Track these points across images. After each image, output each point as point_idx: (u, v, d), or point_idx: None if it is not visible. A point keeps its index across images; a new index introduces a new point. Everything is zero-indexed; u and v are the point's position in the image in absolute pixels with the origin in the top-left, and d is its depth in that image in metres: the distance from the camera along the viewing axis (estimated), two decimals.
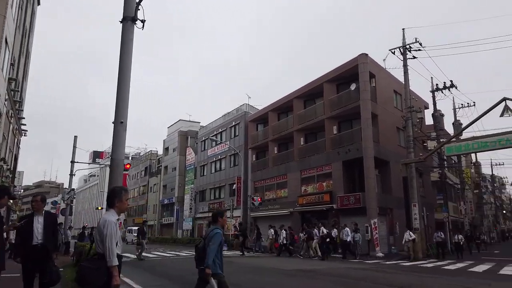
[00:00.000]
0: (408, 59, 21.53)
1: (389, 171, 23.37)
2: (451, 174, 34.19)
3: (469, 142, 17.32)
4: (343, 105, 23.75)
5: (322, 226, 19.56)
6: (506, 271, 12.49)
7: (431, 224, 28.15)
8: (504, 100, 16.32)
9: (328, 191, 23.96)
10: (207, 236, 4.73)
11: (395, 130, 25.11)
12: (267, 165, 30.93)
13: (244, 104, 36.04)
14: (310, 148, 26.43)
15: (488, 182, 58.47)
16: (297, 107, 28.00)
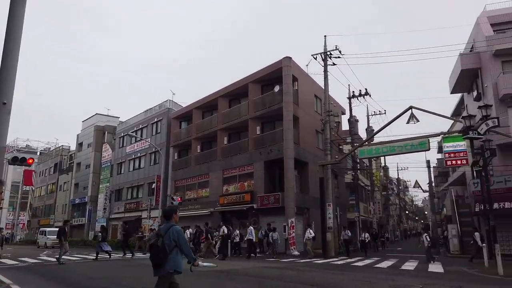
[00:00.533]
0: (329, 66, 22.58)
1: (307, 172, 24.19)
2: (363, 176, 36.64)
3: (379, 146, 18.56)
4: (266, 106, 24.04)
5: (224, 226, 19.59)
6: (407, 266, 13.52)
7: (344, 223, 29.79)
8: (410, 109, 17.78)
9: (249, 191, 24.03)
10: (167, 234, 4.53)
11: (314, 133, 26.11)
12: (189, 164, 30.16)
13: (167, 100, 34.79)
14: (234, 147, 26.32)
15: (394, 184, 64.09)
16: (222, 106, 27.74)
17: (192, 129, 30.36)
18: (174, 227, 4.62)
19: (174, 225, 4.67)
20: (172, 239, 4.51)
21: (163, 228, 4.68)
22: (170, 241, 4.50)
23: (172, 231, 4.55)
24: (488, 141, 19.04)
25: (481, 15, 23.26)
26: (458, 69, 23.88)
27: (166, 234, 4.52)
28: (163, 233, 4.55)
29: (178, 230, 4.62)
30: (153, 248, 4.54)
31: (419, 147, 17.42)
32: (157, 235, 4.62)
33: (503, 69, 20.92)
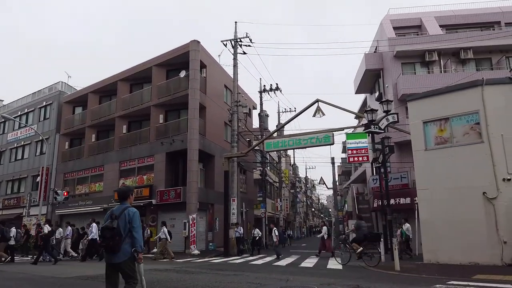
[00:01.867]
0: (240, 55, 21.45)
1: (213, 165, 22.77)
2: (272, 173, 36.49)
3: (286, 139, 17.92)
4: (171, 92, 22.05)
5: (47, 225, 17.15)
6: (307, 263, 12.82)
7: (251, 219, 29.10)
8: (317, 102, 17.41)
9: (148, 185, 21.80)
10: (121, 216, 4.17)
11: (223, 125, 24.83)
12: (82, 154, 26.69)
13: (59, 82, 30.52)
14: (133, 137, 23.77)
15: (303, 183, 66.14)
16: (122, 91, 24.97)
17: (87, 115, 26.93)
18: (130, 208, 4.28)
19: (130, 207, 4.31)
20: (127, 221, 4.15)
21: (116, 210, 4.28)
22: (125, 223, 4.14)
23: (128, 212, 4.21)
24: (387, 138, 19.55)
25: (385, 17, 24.21)
26: (363, 68, 24.57)
27: (120, 216, 4.17)
28: (117, 215, 4.17)
29: (135, 211, 4.27)
30: (107, 231, 4.07)
31: (323, 140, 17.12)
32: (111, 216, 4.18)
33: (402, 70, 21.88)
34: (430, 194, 11.92)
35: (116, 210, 4.27)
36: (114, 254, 4.04)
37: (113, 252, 4.03)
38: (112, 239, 4.01)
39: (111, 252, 4.04)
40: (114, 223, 4.08)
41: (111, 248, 4.02)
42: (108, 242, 4.02)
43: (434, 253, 11.48)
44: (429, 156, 12.11)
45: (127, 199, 4.43)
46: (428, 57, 21.41)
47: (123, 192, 4.51)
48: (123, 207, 4.29)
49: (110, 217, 4.18)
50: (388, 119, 15.23)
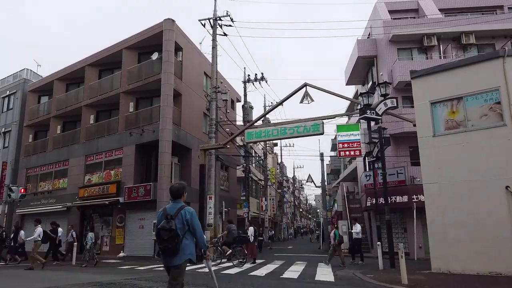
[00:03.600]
0: (222, 38, 19.24)
1: (190, 160, 20.48)
2: (257, 171, 34.34)
3: (269, 128, 15.77)
4: (143, 77, 19.70)
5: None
6: (291, 272, 10.66)
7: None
8: (305, 86, 15.32)
9: (115, 181, 19.40)
10: (178, 215, 3.87)
11: (202, 116, 22.57)
12: (46, 148, 24.14)
13: (24, 70, 27.83)
14: (101, 128, 21.33)
15: (290, 183, 64.17)
16: (90, 78, 22.50)
17: (52, 105, 24.38)
18: (187, 207, 3.99)
19: (185, 205, 4.02)
20: (185, 221, 3.89)
21: (171, 209, 3.96)
22: (183, 224, 3.88)
23: (185, 212, 3.93)
24: (383, 129, 17.55)
25: (379, 0, 22.29)
26: (355, 56, 22.62)
27: (177, 216, 3.88)
28: (173, 214, 3.88)
29: (192, 211, 4.00)
30: (165, 232, 3.76)
31: (312, 129, 14.99)
32: (166, 216, 3.86)
33: (398, 57, 19.97)
34: (439, 189, 9.91)
35: (171, 209, 3.98)
36: (173, 257, 3.84)
37: (173, 255, 3.83)
38: (171, 241, 3.78)
39: (170, 255, 3.84)
40: (171, 223, 3.81)
41: (170, 250, 3.81)
42: (166, 244, 3.79)
43: (445, 261, 9.47)
44: (438, 143, 10.09)
45: (181, 197, 4.14)
46: (426, 42, 19.52)
47: (176, 189, 4.14)
48: (178, 206, 4.01)
49: (165, 217, 3.90)
50: (386, 104, 13.22)
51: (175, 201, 4.07)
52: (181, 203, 4.03)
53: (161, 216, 3.95)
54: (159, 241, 3.82)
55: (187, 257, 3.87)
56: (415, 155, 19.53)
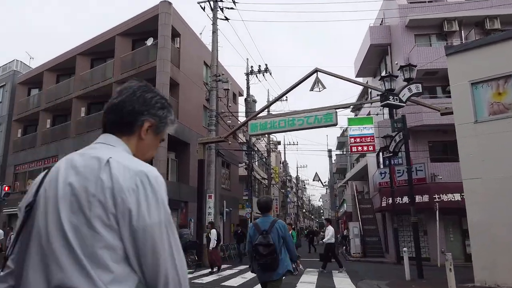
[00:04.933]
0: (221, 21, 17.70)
1: (188, 156, 18.87)
2: (260, 169, 32.72)
3: (276, 119, 14.13)
4: (137, 66, 18.12)
5: None
6: (304, 284, 9.02)
7: (235, 221, 25.28)
8: (316, 72, 13.70)
9: None
10: (273, 230, 3.87)
11: (202, 108, 20.97)
12: (35, 143, 22.58)
13: (13, 61, 26.28)
14: (92, 121, 19.72)
15: (293, 183, 62.55)
16: (82, 67, 20.92)
17: (42, 97, 22.83)
18: (280, 221, 4.01)
19: (277, 219, 4.07)
20: (280, 236, 3.86)
21: (263, 223, 3.96)
22: (278, 238, 3.86)
23: (279, 226, 3.92)
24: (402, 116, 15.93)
25: None
26: (367, 44, 20.96)
27: (272, 230, 3.86)
28: (267, 229, 3.87)
29: (284, 224, 4.01)
30: (263, 248, 3.78)
31: (324, 120, 13.36)
32: (262, 232, 3.87)
33: (416, 44, 18.31)
34: (482, 186, 8.26)
35: (263, 223, 3.96)
36: (272, 271, 3.80)
37: (272, 270, 3.79)
38: (271, 256, 3.76)
39: (270, 270, 3.80)
40: (269, 238, 3.81)
41: (270, 265, 3.78)
42: (266, 260, 3.78)
43: (492, 272, 7.81)
44: (480, 131, 8.44)
45: (270, 211, 4.11)
46: (447, 27, 17.85)
47: (265, 203, 4.12)
48: (270, 220, 3.98)
49: (259, 233, 3.90)
50: (410, 89, 11.58)
51: (264, 215, 4.05)
52: (272, 217, 4.01)
53: (254, 231, 3.97)
54: (257, 257, 3.80)
55: (286, 270, 3.86)
56: (435, 151, 17.95)
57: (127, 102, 1.09)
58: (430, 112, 15.30)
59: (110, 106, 1.12)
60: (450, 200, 15.26)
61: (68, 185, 0.92)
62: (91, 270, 0.85)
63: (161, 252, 0.91)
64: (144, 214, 0.90)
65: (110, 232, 0.88)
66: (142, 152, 1.11)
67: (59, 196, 0.92)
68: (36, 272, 0.88)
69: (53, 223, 0.89)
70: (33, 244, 0.91)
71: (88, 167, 0.94)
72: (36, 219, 0.93)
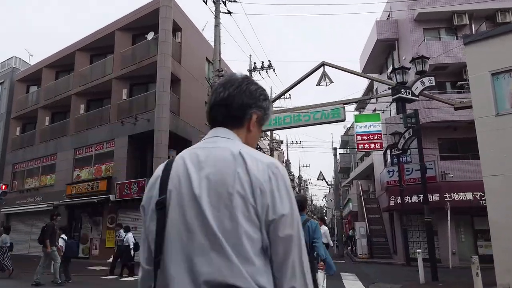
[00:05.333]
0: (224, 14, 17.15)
1: None
2: None
3: (281, 115, 13.61)
4: (137, 61, 17.62)
5: None
6: None
7: None
8: (323, 65, 13.16)
9: (105, 177, 17.34)
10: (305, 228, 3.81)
11: (204, 105, 20.41)
12: (34, 141, 22.12)
13: (12, 58, 25.83)
14: (91, 118, 19.28)
15: (296, 183, 61.93)
16: (81, 63, 20.44)
17: (41, 94, 22.37)
18: (312, 221, 4.10)
19: (309, 218, 4.20)
20: (311, 234, 3.91)
21: None
22: (309, 238, 3.86)
23: (311, 226, 3.99)
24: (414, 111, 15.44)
25: None
26: (373, 39, 20.42)
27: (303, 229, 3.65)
28: None
29: (316, 224, 4.10)
30: None
31: (332, 116, 12.83)
32: None
33: (425, 38, 17.76)
34: (504, 184, 7.71)
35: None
36: None
37: None
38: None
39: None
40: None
41: None
42: None
43: None
44: (502, 124, 7.90)
45: (304, 210, 4.08)
46: (457, 20, 17.31)
47: (300, 202, 3.75)
48: (303, 219, 3.84)
49: None
50: (423, 82, 11.05)
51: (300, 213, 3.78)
52: (305, 216, 3.98)
53: None
54: None
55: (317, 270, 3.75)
56: (445, 149, 17.38)
57: (236, 96, 1.09)
58: (440, 107, 14.77)
59: (219, 101, 1.11)
60: (462, 199, 14.73)
61: (205, 178, 0.94)
62: (239, 263, 0.88)
63: (292, 240, 0.95)
64: (278, 205, 0.94)
65: (250, 224, 0.91)
66: (250, 143, 1.11)
67: (196, 191, 0.93)
68: (180, 268, 0.89)
69: (194, 218, 0.91)
70: (171, 241, 0.92)
71: (221, 160, 0.97)
72: (170, 216, 0.94)
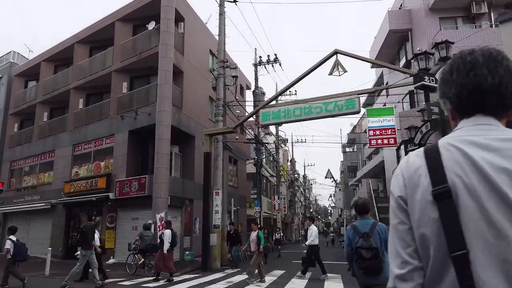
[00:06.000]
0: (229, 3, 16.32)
1: (193, 149, 17.52)
2: (268, 167, 31.32)
3: (290, 107, 12.72)
4: (138, 53, 16.80)
5: None
6: None
7: (243, 221, 23.91)
8: (335, 54, 12.26)
9: (105, 174, 16.52)
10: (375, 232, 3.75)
11: (207, 100, 19.63)
12: (32, 137, 21.37)
13: (10, 52, 25.10)
14: (91, 113, 18.48)
15: (300, 182, 60.99)
16: (80, 56, 19.66)
17: (39, 89, 21.61)
18: (381, 224, 3.87)
19: (377, 222, 3.90)
20: (382, 239, 3.70)
21: (362, 225, 3.85)
22: (380, 241, 3.71)
23: (381, 229, 3.81)
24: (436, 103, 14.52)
25: None
26: (385, 30, 19.51)
27: (373, 233, 3.75)
28: (368, 232, 3.76)
29: (385, 227, 3.83)
30: (367, 251, 3.69)
31: (346, 107, 11.93)
32: (362, 235, 3.77)
33: (441, 27, 16.82)
34: None
35: (362, 226, 3.86)
36: (376, 276, 3.69)
37: (376, 274, 3.67)
38: (375, 259, 3.66)
39: (374, 274, 3.69)
40: (371, 242, 3.71)
41: (374, 270, 3.68)
42: (370, 264, 3.68)
43: None
44: None
45: (368, 212, 4.05)
46: (475, 8, 16.37)
47: (364, 205, 4.08)
48: (369, 222, 3.88)
49: (359, 235, 3.78)
50: None
51: (363, 217, 3.97)
52: (371, 220, 3.91)
53: (353, 234, 3.86)
54: (360, 260, 3.70)
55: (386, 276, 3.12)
56: None
57: (509, 83, 0.92)
58: None
59: (489, 87, 0.92)
60: None
61: (503, 170, 0.84)
62: None
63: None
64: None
65: None
66: None
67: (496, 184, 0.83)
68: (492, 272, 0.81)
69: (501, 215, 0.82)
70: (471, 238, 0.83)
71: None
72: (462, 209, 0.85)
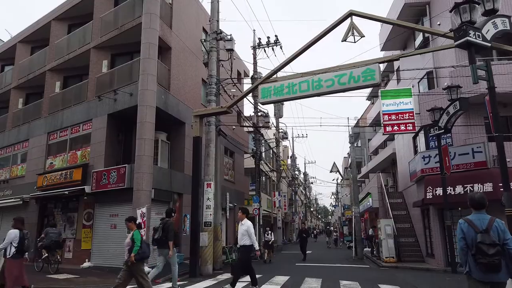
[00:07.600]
0: None
1: (183, 137, 15.40)
2: (267, 161, 29.23)
3: (295, 81, 10.60)
4: (120, 25, 14.68)
5: None
6: None
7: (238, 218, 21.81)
8: (350, 16, 10.18)
9: (81, 165, 14.40)
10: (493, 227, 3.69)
11: (200, 83, 17.53)
12: (5, 126, 19.25)
13: None
14: (68, 96, 16.33)
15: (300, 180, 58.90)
16: (57, 35, 17.55)
17: (13, 73, 19.50)
18: (497, 219, 3.72)
19: (494, 217, 3.74)
20: (503, 237, 3.61)
21: (479, 220, 3.71)
22: (498, 237, 3.60)
23: (498, 224, 3.68)
24: (456, 87, 12.48)
25: None
26: (400, 4, 17.45)
27: (492, 229, 3.63)
28: (486, 227, 3.64)
29: (502, 223, 3.74)
30: (488, 247, 3.55)
31: (363, 79, 9.82)
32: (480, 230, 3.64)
33: None
34: None
35: (479, 221, 3.71)
36: (496, 273, 3.59)
37: (497, 271, 3.58)
38: (498, 257, 3.54)
39: (494, 271, 3.58)
40: (493, 238, 3.58)
41: (496, 266, 3.56)
42: (492, 260, 3.52)
43: None
44: None
45: (485, 207, 3.83)
46: None
47: (482, 199, 3.84)
48: (486, 217, 3.73)
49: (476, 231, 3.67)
50: (496, 25, 8.07)
51: (479, 212, 3.81)
52: (487, 215, 3.74)
53: (468, 228, 3.74)
54: (480, 256, 3.58)
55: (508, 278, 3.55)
56: None
57: None
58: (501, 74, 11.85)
59: None
60: None
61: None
62: None
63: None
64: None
65: None
66: None
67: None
68: None
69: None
70: None
71: None
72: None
